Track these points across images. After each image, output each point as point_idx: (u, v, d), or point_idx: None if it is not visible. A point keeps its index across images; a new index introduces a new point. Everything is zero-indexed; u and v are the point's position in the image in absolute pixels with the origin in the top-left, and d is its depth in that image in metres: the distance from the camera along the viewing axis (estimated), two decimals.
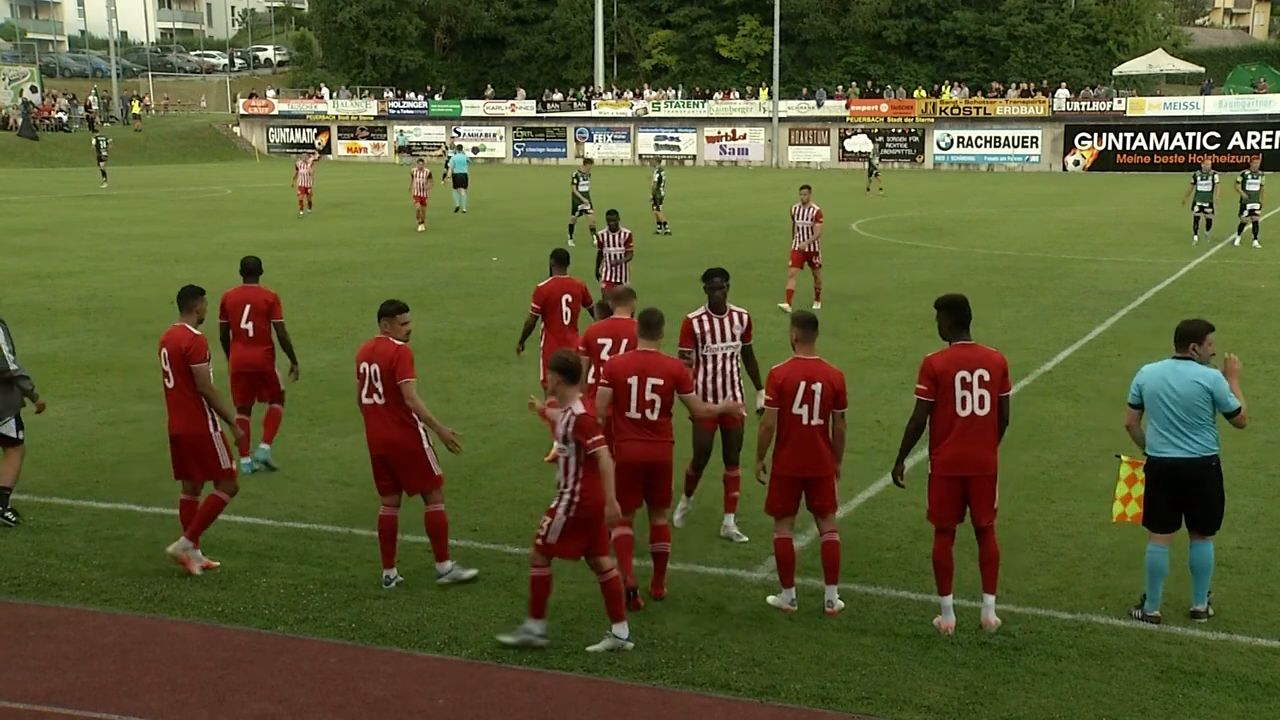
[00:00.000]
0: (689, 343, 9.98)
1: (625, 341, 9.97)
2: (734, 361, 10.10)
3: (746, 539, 10.09)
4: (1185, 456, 8.43)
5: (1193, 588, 8.70)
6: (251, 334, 11.92)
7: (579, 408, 7.89)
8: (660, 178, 35.17)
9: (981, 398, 8.20)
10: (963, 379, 8.18)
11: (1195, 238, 31.55)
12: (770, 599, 8.84)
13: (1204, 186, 31.17)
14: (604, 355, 9.95)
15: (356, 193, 50.67)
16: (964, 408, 8.21)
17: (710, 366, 9.99)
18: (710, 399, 9.89)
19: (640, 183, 34.97)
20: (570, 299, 12.60)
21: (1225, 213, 32.27)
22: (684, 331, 10.00)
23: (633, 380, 8.80)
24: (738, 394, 10.04)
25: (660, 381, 8.80)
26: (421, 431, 9.11)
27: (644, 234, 32.46)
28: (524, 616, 8.57)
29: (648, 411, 8.80)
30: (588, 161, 36.23)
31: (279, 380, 12.17)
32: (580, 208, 32.33)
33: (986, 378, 8.22)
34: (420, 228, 34.60)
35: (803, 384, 8.47)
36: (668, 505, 9.14)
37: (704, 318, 10.04)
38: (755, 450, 8.78)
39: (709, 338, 9.97)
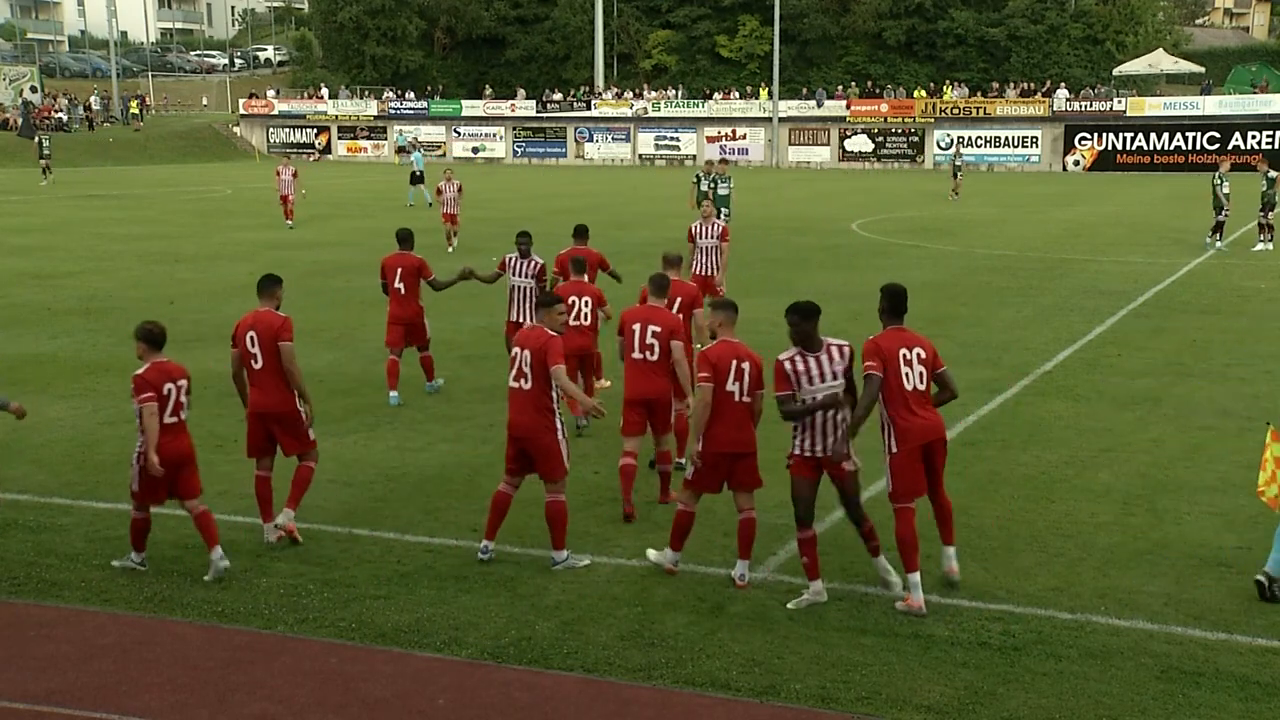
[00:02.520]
0: (785, 385, 8.80)
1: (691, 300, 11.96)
2: (843, 410, 8.82)
3: (897, 580, 9.01)
4: None
5: None
6: (404, 292, 14.39)
7: (140, 370, 9.02)
8: (726, 183, 30.00)
9: (921, 373, 8.86)
10: (904, 356, 8.84)
11: (1210, 242, 30.14)
12: (650, 552, 9.38)
13: (1224, 189, 30.10)
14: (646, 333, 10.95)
15: (356, 193, 50.68)
16: (909, 382, 8.82)
17: (817, 416, 8.79)
18: (818, 451, 8.85)
19: (643, 182, 34.30)
20: (586, 263, 14.36)
21: (1239, 215, 32.09)
22: (777, 375, 8.84)
23: (636, 326, 10.65)
24: (849, 449, 8.86)
25: (658, 329, 10.61)
26: (559, 422, 9.46)
27: (658, 234, 32.51)
28: (524, 615, 8.59)
29: (648, 354, 10.62)
30: (724, 162, 32.58)
31: (427, 330, 14.79)
32: (724, 212, 28.84)
33: (923, 355, 8.89)
34: (450, 249, 30.05)
35: (734, 363, 9.07)
36: (667, 433, 11.00)
37: (796, 358, 8.84)
38: (691, 431, 9.28)
39: (803, 379, 8.74)
